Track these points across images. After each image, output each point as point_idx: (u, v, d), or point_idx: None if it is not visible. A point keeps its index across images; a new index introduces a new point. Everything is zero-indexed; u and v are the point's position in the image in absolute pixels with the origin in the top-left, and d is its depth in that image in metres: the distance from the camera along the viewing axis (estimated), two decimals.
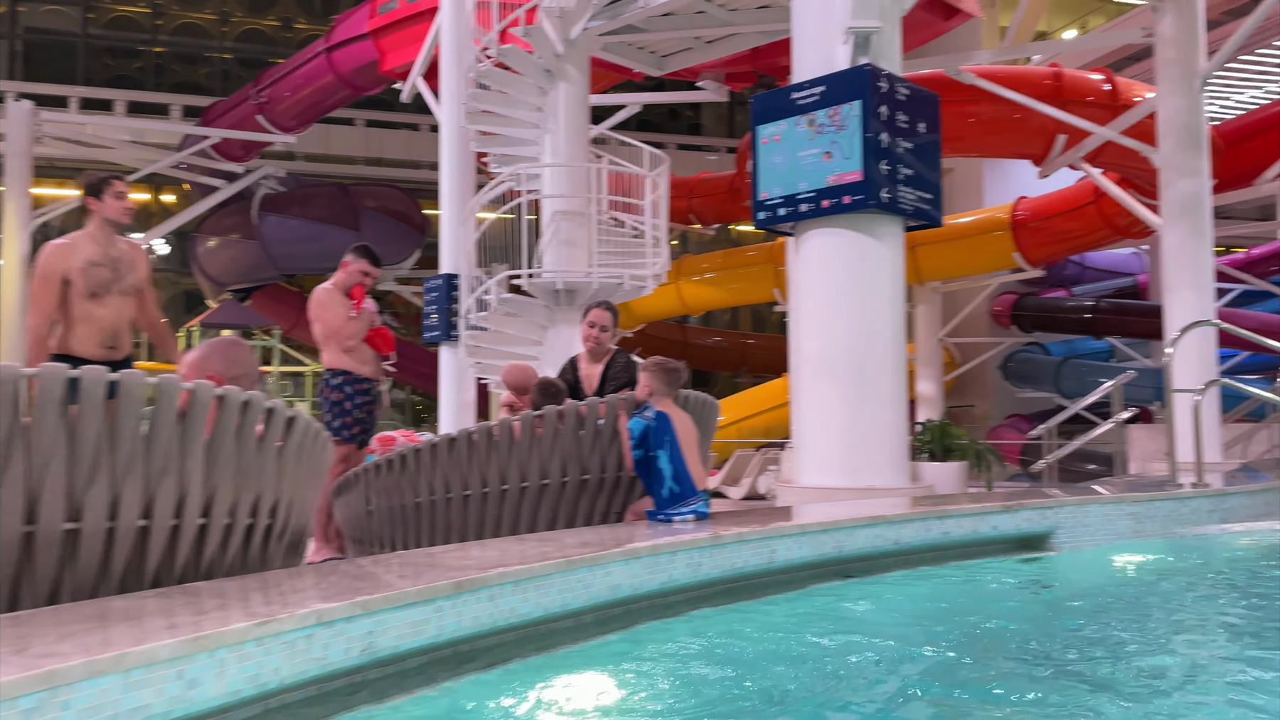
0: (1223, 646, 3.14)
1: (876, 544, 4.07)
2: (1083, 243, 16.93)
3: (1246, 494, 5.49)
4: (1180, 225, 9.90)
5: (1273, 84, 19.41)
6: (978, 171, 20.44)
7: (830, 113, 6.80)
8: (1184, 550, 4.82)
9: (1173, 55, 10.18)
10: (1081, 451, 12.98)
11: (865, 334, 6.67)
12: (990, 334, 20.25)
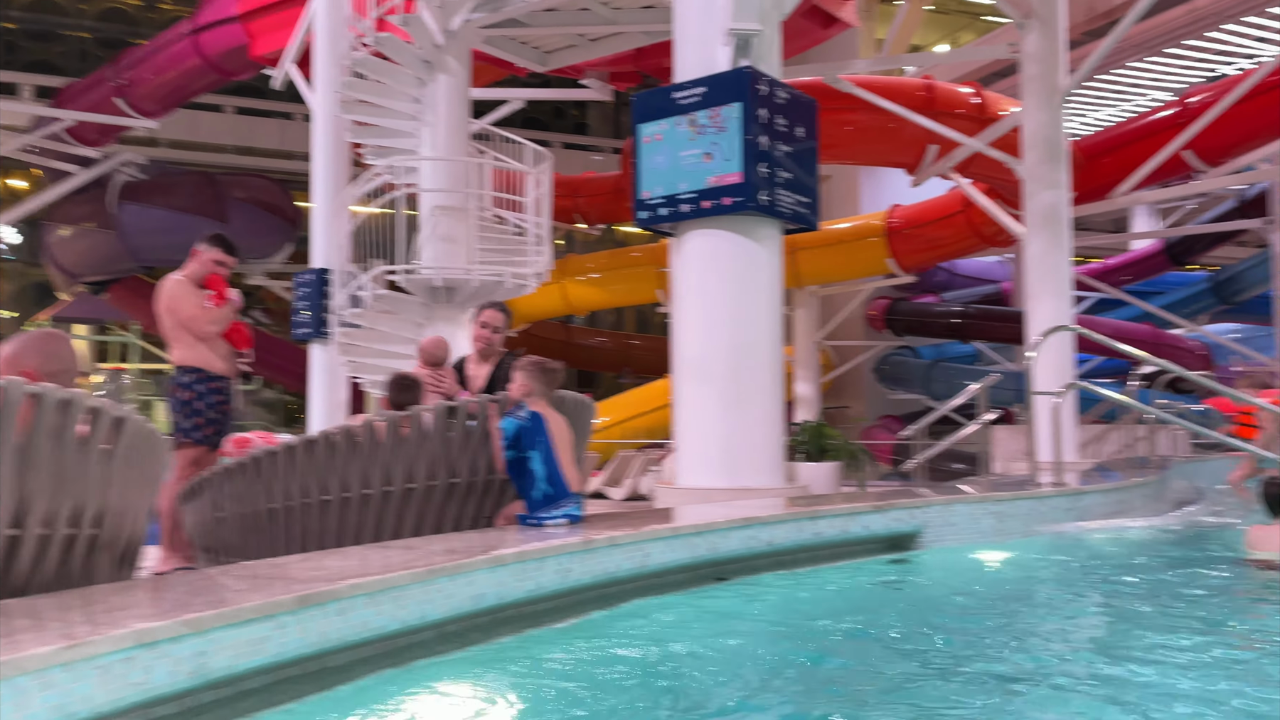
0: (1080, 641, 3.22)
1: (750, 545, 4.04)
2: (952, 250, 17.56)
3: (1101, 493, 5.72)
4: (1042, 235, 10.34)
5: (1127, 103, 20.60)
6: (854, 179, 21.00)
7: (711, 114, 6.79)
8: (1043, 547, 4.97)
9: (1036, 71, 10.63)
10: (949, 451, 13.44)
11: (744, 335, 6.69)
12: (865, 337, 20.82)
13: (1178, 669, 2.83)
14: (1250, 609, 3.84)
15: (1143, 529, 5.51)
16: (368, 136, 10.64)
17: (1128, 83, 19.79)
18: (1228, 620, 3.59)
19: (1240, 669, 2.86)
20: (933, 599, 3.99)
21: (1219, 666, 2.88)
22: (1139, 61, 18.79)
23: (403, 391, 4.81)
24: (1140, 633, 3.28)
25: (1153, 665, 2.86)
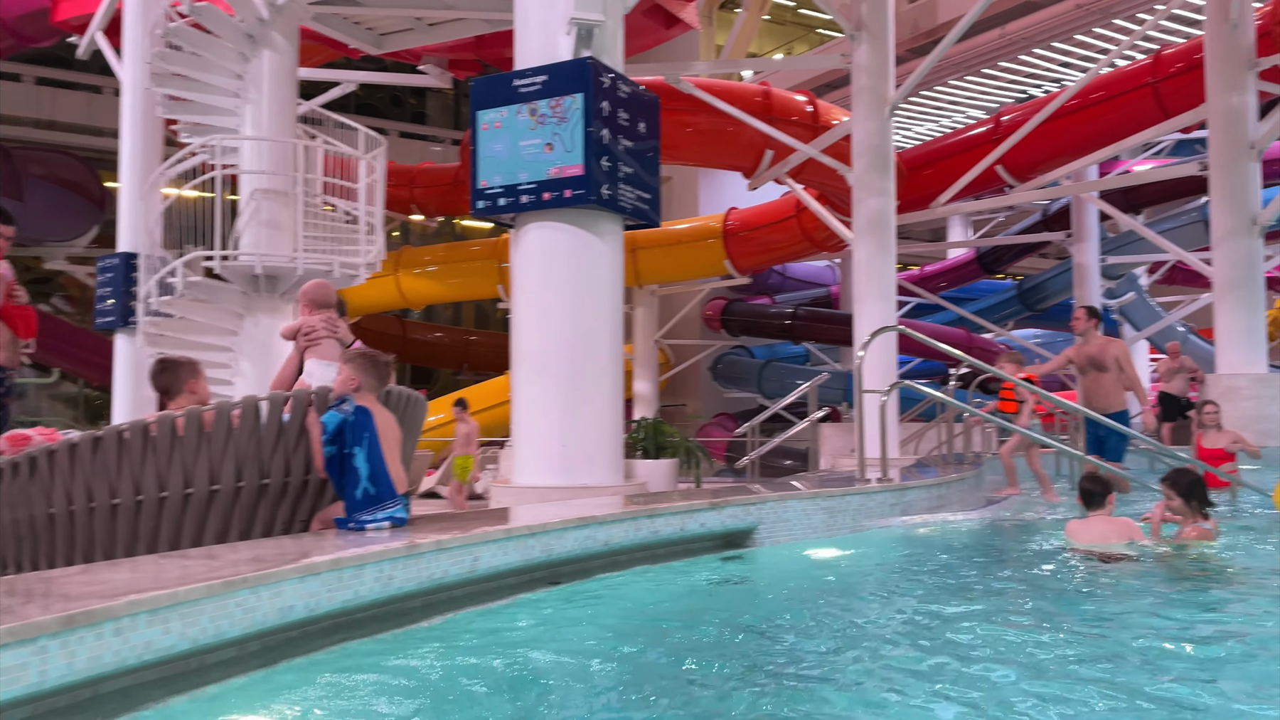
0: (909, 631, 3.26)
1: (587, 546, 3.91)
2: (785, 253, 18.07)
3: (924, 488, 5.92)
4: (869, 240, 10.72)
5: (947, 119, 21.78)
6: (694, 181, 21.30)
7: (552, 103, 6.64)
8: (872, 541, 5.09)
9: (867, 82, 11.01)
10: (780, 448, 13.82)
11: (584, 331, 6.58)
12: (702, 337, 21.16)
13: (1003, 653, 2.90)
14: (1067, 595, 4.01)
15: (962, 522, 5.74)
16: (183, 113, 9.89)
17: (947, 100, 20.93)
18: (1048, 607, 3.74)
19: (1061, 653, 2.95)
20: (767, 596, 3.99)
21: (1042, 650, 2.97)
22: (958, 80, 19.89)
23: (162, 374, 4.31)
24: (967, 621, 3.36)
25: (978, 651, 2.92)
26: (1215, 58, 12.11)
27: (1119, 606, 3.84)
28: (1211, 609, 3.82)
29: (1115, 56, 14.63)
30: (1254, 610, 3.77)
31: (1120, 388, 7.72)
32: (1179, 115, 13.24)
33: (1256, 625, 3.52)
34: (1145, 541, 4.90)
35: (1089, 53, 18.17)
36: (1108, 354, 7.75)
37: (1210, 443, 8.08)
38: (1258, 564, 4.80)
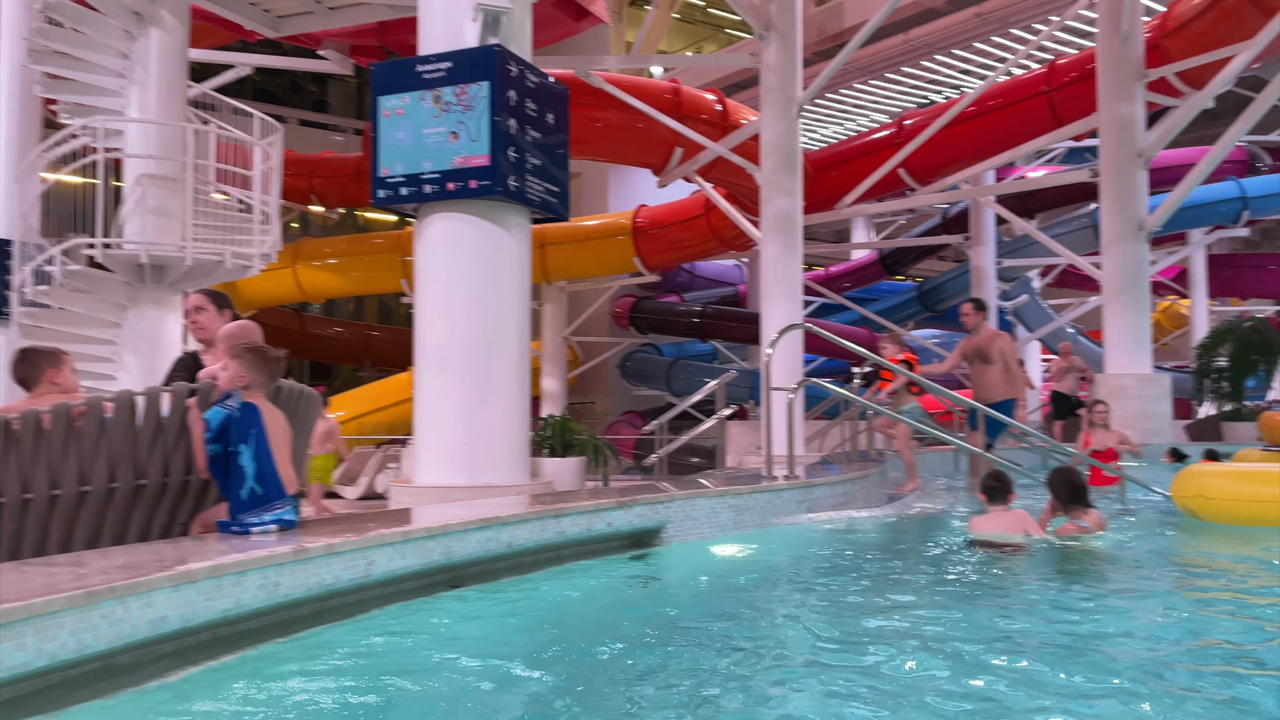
0: (813, 626, 3.22)
1: (490, 548, 3.78)
2: (694, 252, 18.12)
3: (829, 485, 5.95)
4: (777, 240, 10.80)
5: (852, 121, 22.20)
6: (604, 178, 21.21)
7: (458, 91, 6.45)
8: (779, 538, 5.07)
9: (775, 82, 11.09)
10: (687, 445, 13.83)
11: (490, 326, 6.41)
12: (610, 334, 21.09)
13: (908, 643, 2.89)
14: (966, 586, 4.05)
15: (867, 519, 5.78)
16: (64, 92, 9.31)
17: (853, 103, 21.33)
18: (949, 598, 3.76)
19: (961, 640, 2.96)
20: (676, 595, 3.92)
21: (943, 638, 2.96)
22: (863, 84, 20.29)
23: (20, 364, 4.02)
24: (874, 613, 3.34)
25: (884, 642, 2.90)
26: (1106, 68, 12.59)
27: (1014, 596, 3.90)
28: (1094, 595, 3.90)
29: (1012, 65, 15.10)
30: (1133, 595, 3.87)
31: (1004, 380, 7.90)
32: (1072, 123, 13.73)
33: (1134, 608, 3.61)
34: (1040, 534, 5.10)
35: (988, 60, 18.73)
36: (994, 346, 7.93)
37: (1099, 442, 8.38)
38: (1139, 554, 4.94)
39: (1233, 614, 3.59)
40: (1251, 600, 3.81)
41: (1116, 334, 12.40)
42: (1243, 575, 4.40)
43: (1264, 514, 5.24)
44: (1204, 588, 4.13)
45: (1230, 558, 4.89)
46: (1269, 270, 23.97)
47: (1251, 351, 13.68)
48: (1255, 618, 3.51)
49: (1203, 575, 4.51)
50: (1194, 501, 5.62)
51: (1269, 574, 4.42)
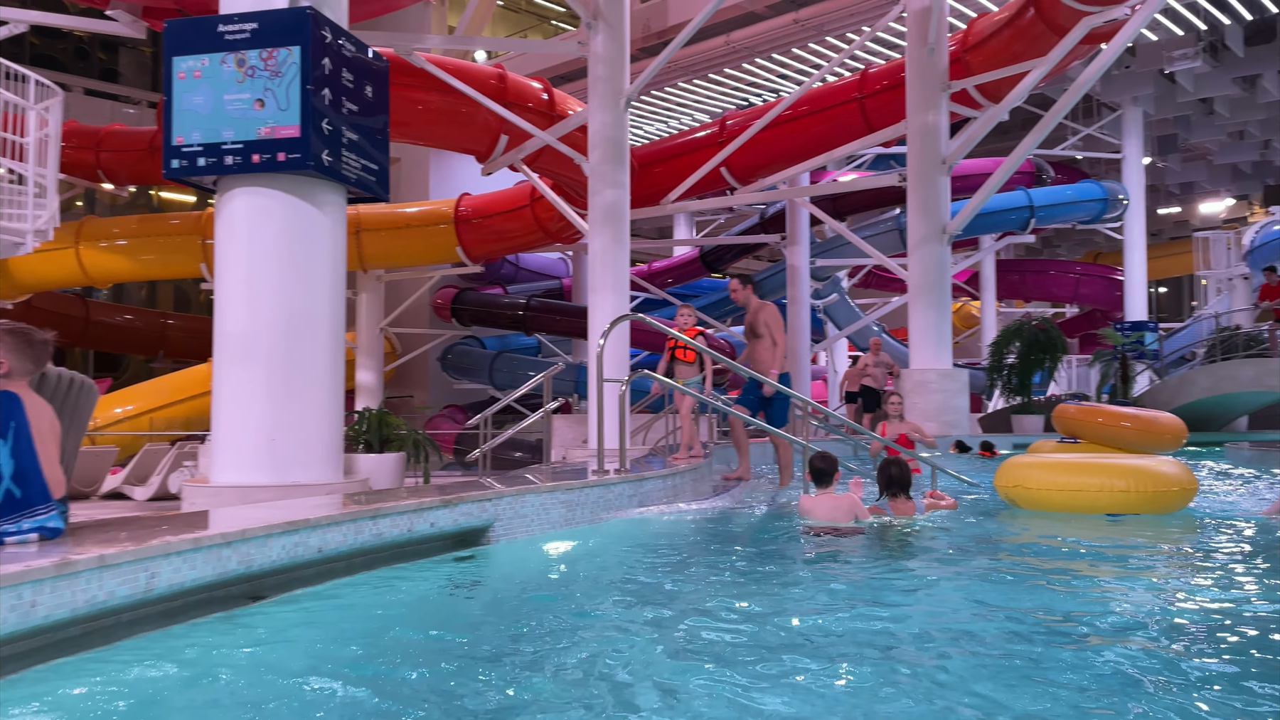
0: (648, 620, 3.08)
1: (297, 554, 3.41)
2: (519, 243, 17.80)
3: (660, 478, 5.85)
4: (605, 231, 10.67)
5: (675, 120, 22.45)
6: (424, 163, 20.52)
7: (265, 55, 5.92)
8: (611, 534, 4.91)
9: (603, 73, 10.95)
10: (510, 440, 13.53)
11: (300, 312, 5.93)
12: (431, 326, 20.44)
13: (745, 630, 2.79)
14: (801, 570, 4.02)
15: (699, 510, 5.72)
16: None
17: (676, 102, 21.58)
18: (783, 583, 3.71)
19: (796, 625, 2.89)
20: (505, 596, 3.67)
21: (777, 624, 2.89)
22: (686, 83, 20.55)
23: None
24: (711, 604, 3.23)
25: (721, 632, 2.79)
26: (914, 78, 13.23)
27: (846, 579, 3.90)
28: (915, 579, 3.96)
29: (826, 72, 15.63)
30: (950, 578, 3.96)
31: (771, 353, 7.66)
32: (882, 130, 14.37)
33: (947, 590, 3.68)
34: (868, 518, 5.29)
35: (804, 66, 19.36)
36: (759, 319, 7.70)
37: (892, 432, 8.71)
38: (958, 539, 5.11)
39: (1047, 593, 3.71)
40: (1064, 581, 3.97)
41: (921, 331, 13.05)
42: (1055, 559, 4.60)
43: (1076, 502, 5.59)
44: (1018, 570, 4.28)
45: (1040, 543, 5.12)
46: (1049, 275, 26.06)
47: (1038, 349, 14.75)
48: (1073, 596, 3.64)
49: (1018, 558, 4.69)
50: (1014, 491, 5.93)
51: (1079, 559, 4.65)
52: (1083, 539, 5.02)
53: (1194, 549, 4.72)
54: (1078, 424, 9.39)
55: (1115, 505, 5.48)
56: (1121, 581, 3.87)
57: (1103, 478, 5.53)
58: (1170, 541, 4.94)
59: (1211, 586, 3.78)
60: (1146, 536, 5.04)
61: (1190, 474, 5.66)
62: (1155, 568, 4.29)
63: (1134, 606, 3.42)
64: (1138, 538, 5.01)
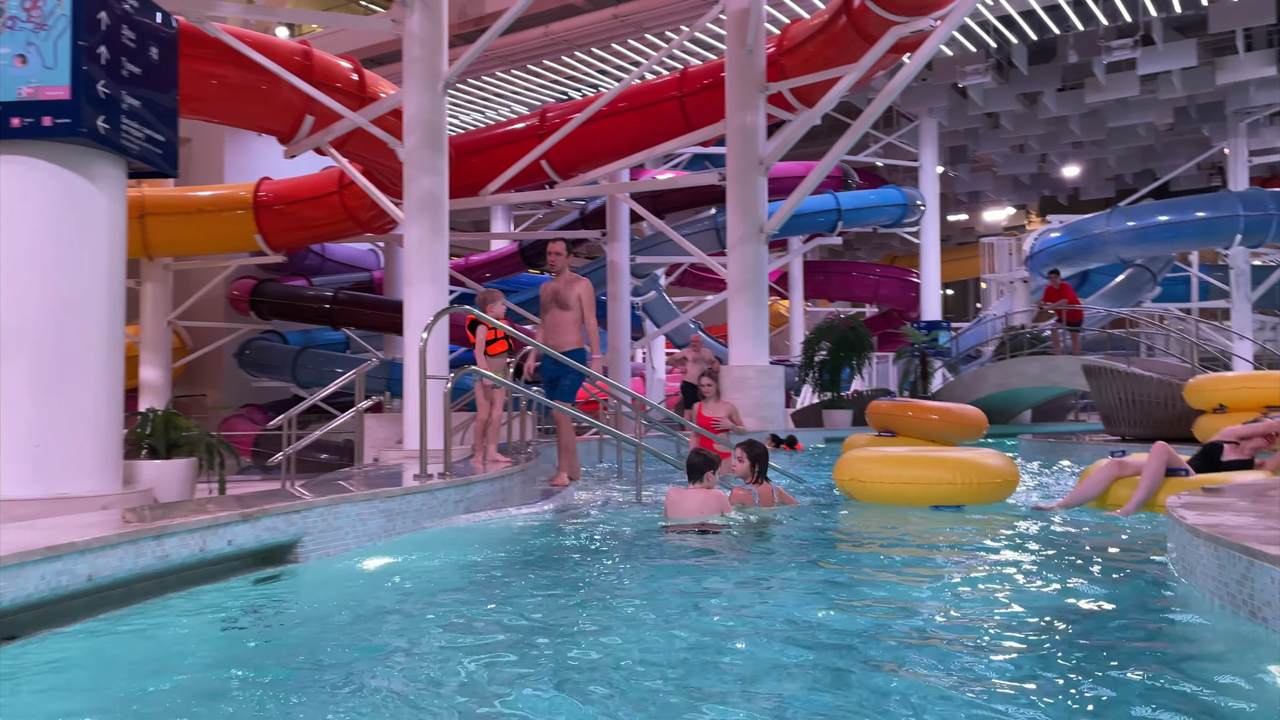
0: (479, 647, 2.77)
1: (61, 584, 2.87)
2: (325, 232, 16.83)
3: (487, 482, 5.50)
4: (422, 221, 10.13)
5: (493, 110, 21.93)
6: (218, 144, 19.05)
7: (27, 4, 5.14)
8: (437, 544, 4.52)
9: (419, 54, 10.40)
10: (316, 441, 12.72)
11: (71, 300, 5.19)
12: (226, 319, 19.04)
13: (589, 646, 2.54)
14: (643, 575, 3.81)
15: (529, 515, 5.40)
16: None
17: (494, 92, 21.08)
18: (627, 591, 3.48)
19: (638, 639, 2.66)
20: (317, 622, 3.24)
21: (631, 637, 2.66)
22: (505, 73, 20.10)
23: None
24: (562, 613, 2.95)
25: (561, 649, 2.52)
26: (733, 79, 13.39)
27: (689, 582, 3.72)
28: (759, 574, 3.85)
29: (646, 69, 15.63)
30: (789, 574, 3.87)
31: (578, 330, 7.39)
32: (702, 129, 14.49)
33: (799, 578, 3.59)
34: (733, 514, 5.27)
35: (624, 63, 19.35)
36: (573, 292, 7.32)
37: (710, 412, 8.73)
38: (806, 533, 5.06)
39: (882, 585, 3.66)
40: (895, 572, 3.95)
41: (739, 329, 13.24)
42: (890, 551, 4.61)
43: (908, 494, 5.69)
44: (861, 566, 4.24)
45: (868, 539, 5.15)
46: (852, 276, 27.33)
47: (847, 347, 15.31)
48: (898, 585, 3.60)
49: (859, 552, 4.68)
50: (850, 484, 6.00)
51: (906, 548, 4.67)
52: (910, 532, 5.09)
53: (1003, 541, 4.86)
54: (891, 418, 9.75)
55: (944, 497, 5.61)
56: (948, 576, 3.89)
57: (932, 470, 5.66)
58: (984, 533, 5.08)
59: (1017, 576, 3.85)
60: (975, 527, 5.17)
61: (1013, 466, 5.88)
62: (982, 561, 4.35)
63: (967, 602, 3.41)
64: (965, 528, 5.12)
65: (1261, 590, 2.53)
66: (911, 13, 11.89)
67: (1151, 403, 9.54)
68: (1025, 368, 14.76)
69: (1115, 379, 9.98)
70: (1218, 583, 2.82)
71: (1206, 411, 8.38)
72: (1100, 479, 5.47)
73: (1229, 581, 2.72)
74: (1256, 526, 2.97)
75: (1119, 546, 4.59)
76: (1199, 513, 3.33)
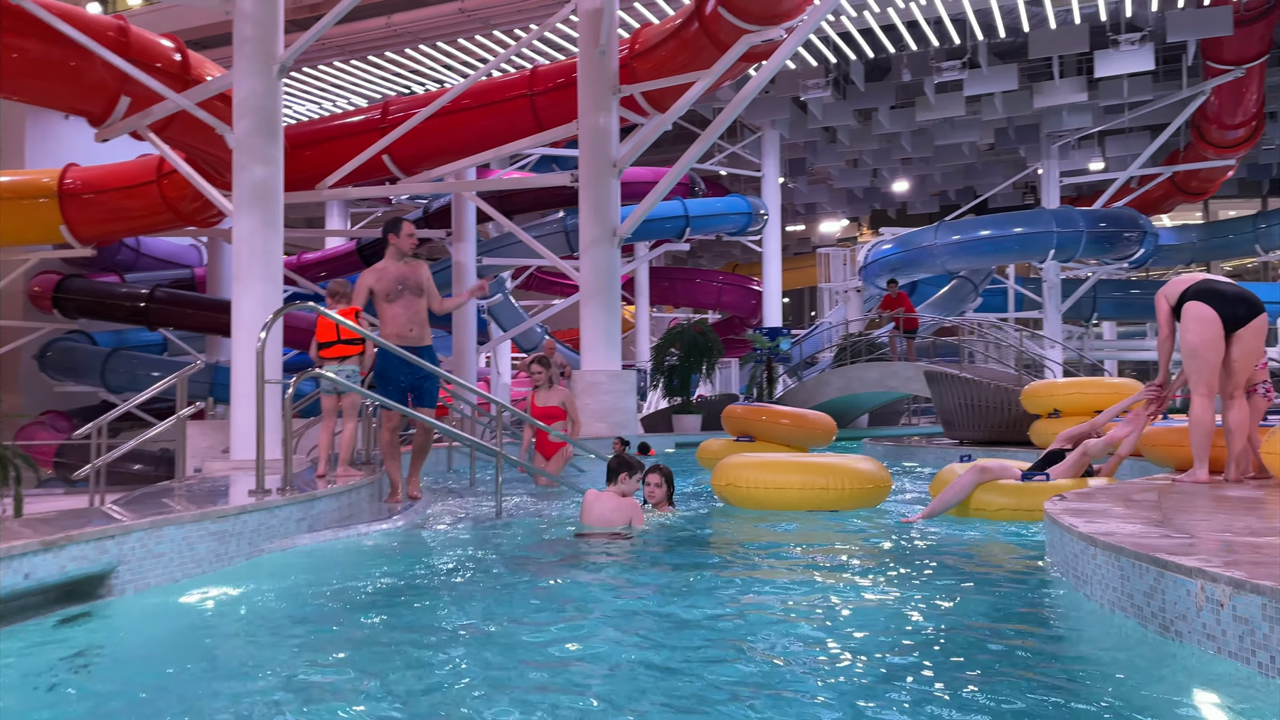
0: (329, 691, 2.40)
1: None
2: (141, 224, 15.54)
3: (333, 497, 5.01)
4: (254, 213, 9.38)
5: (330, 102, 20.87)
6: (19, 125, 17.30)
7: None
8: (278, 570, 4.03)
9: (252, 34, 9.65)
10: (130, 451, 11.64)
11: None
12: (26, 317, 17.29)
13: (452, 680, 2.23)
14: (531, 595, 3.48)
15: (382, 533, 4.93)
16: None
17: (332, 83, 20.06)
18: (496, 615, 3.16)
19: (508, 666, 2.37)
20: (132, 672, 2.76)
21: (493, 670, 2.36)
22: (344, 63, 19.15)
23: None
24: (410, 652, 2.60)
25: (423, 685, 2.20)
26: (586, 79, 13.16)
27: (562, 596, 3.44)
28: (639, 585, 3.62)
29: (493, 66, 15.20)
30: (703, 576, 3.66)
31: (425, 322, 6.51)
32: (553, 129, 14.18)
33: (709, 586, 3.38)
34: (641, 524, 5.19)
35: (470, 59, 18.81)
36: (422, 275, 6.41)
37: (543, 401, 8.48)
38: (693, 538, 4.86)
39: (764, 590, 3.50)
40: (778, 578, 3.80)
41: (592, 333, 13.01)
42: (767, 556, 4.46)
43: (786, 499, 5.63)
44: (733, 574, 4.07)
45: (756, 543, 5.00)
46: (696, 283, 27.65)
47: (697, 353, 15.35)
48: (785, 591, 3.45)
49: (728, 556, 4.51)
50: (726, 490, 5.90)
51: (779, 557, 4.53)
52: (791, 541, 4.97)
53: (872, 546, 4.82)
54: (746, 422, 9.74)
55: (821, 502, 5.57)
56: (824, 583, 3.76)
57: (809, 475, 5.63)
58: (868, 544, 5.03)
59: (909, 590, 3.78)
60: (857, 538, 5.10)
61: (886, 472, 5.89)
62: (873, 573, 4.26)
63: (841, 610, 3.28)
64: (845, 538, 5.05)
65: (1174, 603, 2.48)
66: (763, 22, 12.00)
67: (989, 407, 9.93)
68: (865, 373, 15.21)
69: (955, 385, 10.34)
70: (1120, 594, 2.77)
71: (1042, 416, 8.76)
72: (964, 486, 5.52)
73: (1134, 593, 2.68)
74: (1152, 534, 2.96)
75: (998, 554, 4.60)
76: (1087, 520, 3.31)
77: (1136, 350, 25.64)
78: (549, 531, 5.35)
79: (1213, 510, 3.76)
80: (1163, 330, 5.17)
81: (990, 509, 5.35)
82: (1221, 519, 3.48)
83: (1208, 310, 4.79)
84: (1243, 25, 16.62)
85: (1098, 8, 16.66)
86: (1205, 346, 4.79)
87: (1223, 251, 27.52)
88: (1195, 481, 4.87)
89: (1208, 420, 4.83)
